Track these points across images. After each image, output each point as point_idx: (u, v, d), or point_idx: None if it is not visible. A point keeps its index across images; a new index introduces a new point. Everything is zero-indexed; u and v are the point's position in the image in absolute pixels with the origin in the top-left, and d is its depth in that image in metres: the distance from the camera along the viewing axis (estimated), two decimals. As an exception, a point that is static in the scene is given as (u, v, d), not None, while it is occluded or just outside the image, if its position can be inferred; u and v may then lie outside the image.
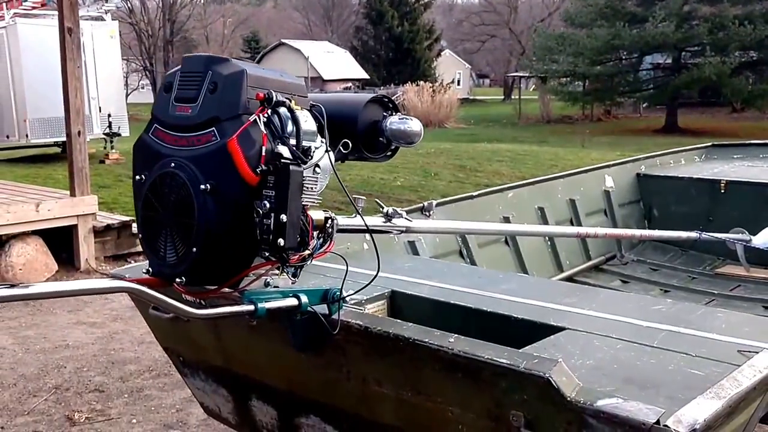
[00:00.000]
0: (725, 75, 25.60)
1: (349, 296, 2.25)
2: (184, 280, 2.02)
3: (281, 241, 1.92)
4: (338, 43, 49.69)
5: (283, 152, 1.97)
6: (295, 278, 2.10)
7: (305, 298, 2.05)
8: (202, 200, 1.93)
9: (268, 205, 1.93)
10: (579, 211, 5.25)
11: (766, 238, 4.53)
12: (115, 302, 6.09)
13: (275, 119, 2.00)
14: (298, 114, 2.02)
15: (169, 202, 2.00)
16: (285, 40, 46.59)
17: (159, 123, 2.11)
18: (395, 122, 2.35)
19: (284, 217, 1.91)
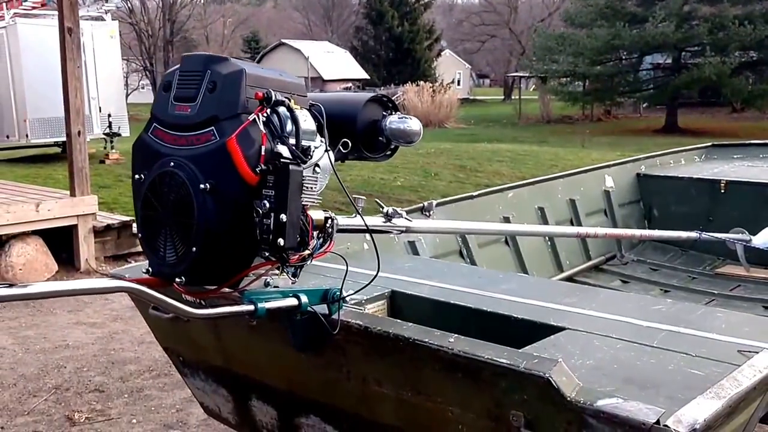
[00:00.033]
0: (725, 75, 25.60)
1: (349, 296, 2.24)
2: (184, 280, 2.02)
3: (281, 241, 1.92)
4: (338, 43, 49.65)
5: (283, 152, 1.97)
6: (295, 278, 2.09)
7: (305, 298, 2.05)
8: (202, 200, 1.93)
9: (268, 205, 1.92)
10: (579, 211, 5.25)
11: (766, 238, 4.53)
12: (115, 302, 6.08)
13: (274, 118, 1.99)
14: (298, 113, 2.02)
15: (169, 202, 2.00)
16: (285, 40, 46.54)
17: (158, 122, 2.11)
18: (395, 121, 2.35)
19: (284, 217, 1.91)
